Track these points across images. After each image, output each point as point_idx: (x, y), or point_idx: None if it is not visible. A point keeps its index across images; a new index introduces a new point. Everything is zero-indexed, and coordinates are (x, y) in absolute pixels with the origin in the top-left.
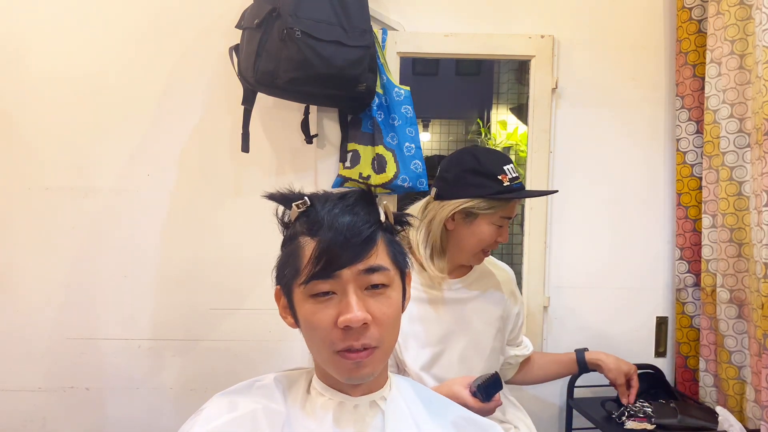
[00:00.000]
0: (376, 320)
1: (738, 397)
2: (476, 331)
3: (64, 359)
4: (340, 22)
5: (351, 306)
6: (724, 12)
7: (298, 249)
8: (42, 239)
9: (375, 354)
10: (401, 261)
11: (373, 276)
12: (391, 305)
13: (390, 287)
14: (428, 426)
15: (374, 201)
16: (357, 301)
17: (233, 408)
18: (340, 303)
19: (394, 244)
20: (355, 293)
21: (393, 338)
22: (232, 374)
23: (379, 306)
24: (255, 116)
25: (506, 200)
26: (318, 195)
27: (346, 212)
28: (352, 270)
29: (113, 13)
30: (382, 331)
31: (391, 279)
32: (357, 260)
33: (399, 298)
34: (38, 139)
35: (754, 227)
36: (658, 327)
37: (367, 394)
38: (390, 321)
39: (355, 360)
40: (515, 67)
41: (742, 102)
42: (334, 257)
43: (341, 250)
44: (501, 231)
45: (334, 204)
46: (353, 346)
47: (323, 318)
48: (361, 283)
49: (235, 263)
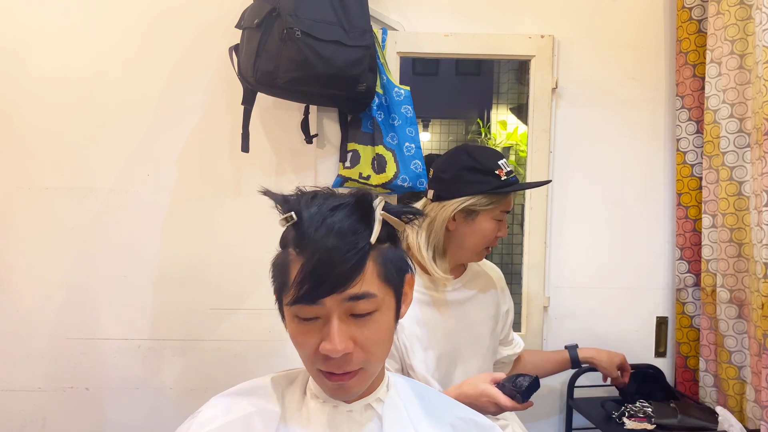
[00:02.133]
0: (361, 346)
1: (738, 397)
2: (474, 330)
3: (64, 359)
4: (340, 22)
5: (332, 336)
6: (724, 12)
7: (287, 261)
8: (42, 239)
9: (359, 375)
10: (395, 277)
11: (359, 304)
12: (378, 330)
13: (378, 311)
14: (426, 428)
15: (370, 213)
16: (339, 330)
17: (228, 411)
18: (323, 329)
19: (388, 260)
20: (339, 320)
21: (381, 356)
22: (232, 374)
23: (364, 332)
24: (255, 116)
25: (505, 194)
26: (311, 202)
27: (332, 233)
28: (335, 298)
29: (113, 13)
30: (368, 355)
31: (379, 303)
32: (340, 289)
33: (389, 318)
34: (38, 139)
35: (754, 227)
36: (658, 327)
37: (362, 398)
38: (376, 345)
39: (338, 382)
40: (515, 67)
41: (742, 102)
42: (316, 284)
43: (324, 278)
44: (500, 226)
45: (323, 220)
46: (335, 372)
47: (307, 341)
48: (346, 309)
49: (235, 263)
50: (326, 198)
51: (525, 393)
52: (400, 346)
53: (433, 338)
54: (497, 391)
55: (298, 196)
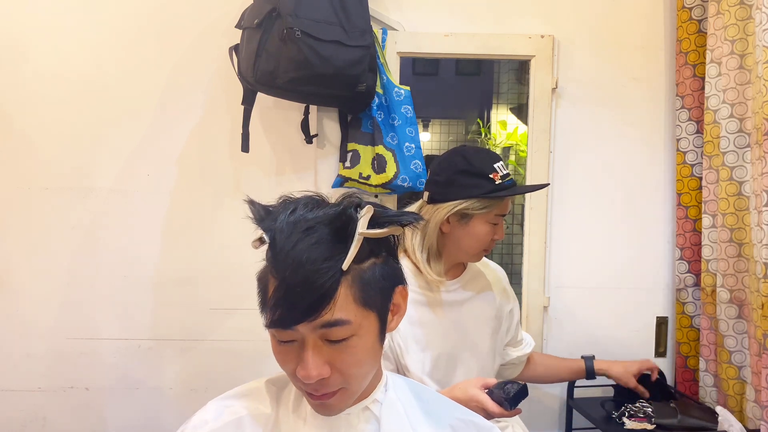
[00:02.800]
0: (338, 370)
1: (738, 397)
2: (472, 332)
3: (64, 359)
4: (340, 22)
5: (306, 363)
6: (724, 12)
7: (266, 279)
8: (42, 239)
9: (340, 393)
10: (377, 298)
11: (332, 331)
12: (355, 354)
13: (356, 335)
14: (425, 429)
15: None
16: (313, 357)
17: (219, 415)
18: (300, 352)
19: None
20: (313, 346)
21: (363, 374)
22: (232, 374)
23: (340, 356)
24: (255, 116)
25: (500, 198)
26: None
27: (301, 262)
28: (308, 326)
29: (113, 13)
30: (346, 377)
31: (355, 329)
32: (310, 317)
33: (370, 340)
34: (38, 139)
35: (754, 227)
36: (658, 327)
37: (359, 401)
38: (354, 367)
39: (319, 401)
40: (515, 67)
41: (742, 102)
42: (287, 311)
43: (294, 305)
44: (497, 229)
45: (294, 245)
46: (313, 394)
47: (286, 362)
48: (320, 335)
49: (235, 263)
50: (305, 212)
51: (512, 400)
52: (394, 346)
53: (430, 339)
54: (486, 397)
55: (278, 211)
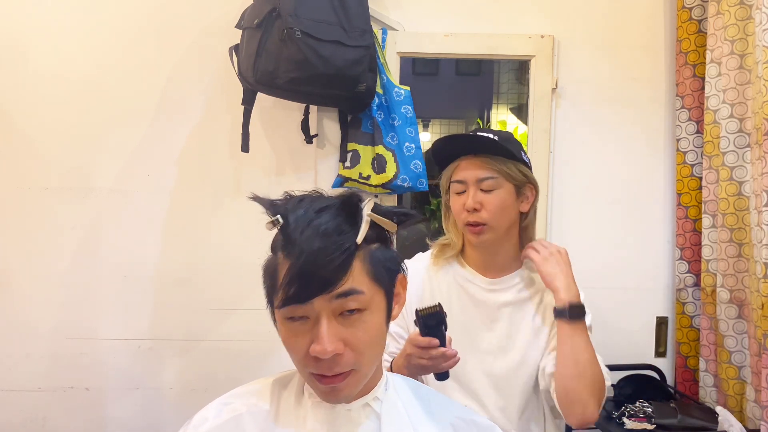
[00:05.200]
0: (351, 347)
1: (738, 397)
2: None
3: (64, 359)
4: (340, 22)
5: (321, 337)
6: (724, 12)
7: (276, 264)
8: (42, 239)
9: (351, 377)
10: (385, 278)
11: (347, 301)
12: (367, 330)
13: (367, 310)
14: (426, 428)
15: (356, 213)
16: (328, 331)
17: (219, 413)
18: (313, 330)
19: (377, 260)
20: (328, 321)
21: (373, 357)
22: (232, 374)
23: (354, 332)
24: (255, 116)
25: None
26: (297, 205)
27: (318, 234)
28: (324, 298)
29: (113, 13)
30: (358, 357)
31: (368, 302)
32: (327, 289)
33: (380, 318)
34: (38, 139)
35: (754, 227)
36: (658, 327)
37: (360, 397)
38: (366, 346)
39: (330, 384)
40: (515, 67)
41: (742, 102)
42: (303, 285)
43: (311, 278)
44: (463, 198)
45: (309, 222)
46: (326, 374)
47: (297, 343)
48: (335, 308)
49: (234, 263)
50: (313, 201)
51: (422, 323)
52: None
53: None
54: (415, 330)
55: (286, 200)
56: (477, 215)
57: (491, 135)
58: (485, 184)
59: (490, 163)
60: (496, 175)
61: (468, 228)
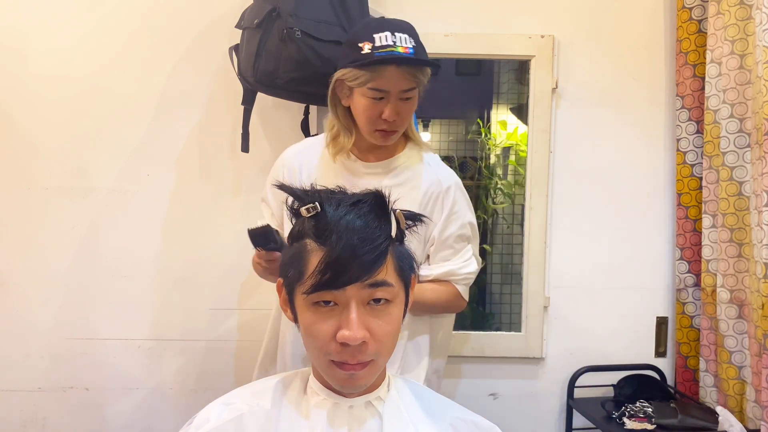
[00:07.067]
0: (375, 337)
1: (738, 397)
2: None
3: (64, 359)
4: (340, 22)
5: (351, 323)
6: (724, 12)
7: (304, 252)
8: (42, 239)
9: (370, 366)
10: (406, 273)
11: (378, 291)
12: (391, 322)
13: (392, 303)
14: (426, 428)
15: (388, 209)
16: (358, 318)
17: (220, 414)
18: (341, 316)
19: (402, 256)
20: (357, 309)
21: (390, 349)
22: (231, 374)
23: (380, 323)
24: (255, 116)
25: (367, 69)
26: (330, 195)
27: (356, 224)
28: (357, 285)
29: (113, 13)
30: (380, 347)
31: (395, 294)
32: (363, 277)
33: (400, 312)
34: (38, 139)
35: (754, 227)
36: (658, 327)
37: (363, 395)
38: (388, 337)
39: (350, 371)
40: (515, 67)
41: (742, 102)
42: (341, 271)
43: (349, 265)
44: (381, 105)
45: (346, 211)
46: (348, 361)
47: (322, 329)
48: (364, 297)
49: (234, 263)
50: (344, 193)
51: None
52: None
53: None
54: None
55: (317, 191)
56: (393, 124)
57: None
58: (406, 94)
59: (413, 74)
60: (416, 86)
61: (379, 132)
